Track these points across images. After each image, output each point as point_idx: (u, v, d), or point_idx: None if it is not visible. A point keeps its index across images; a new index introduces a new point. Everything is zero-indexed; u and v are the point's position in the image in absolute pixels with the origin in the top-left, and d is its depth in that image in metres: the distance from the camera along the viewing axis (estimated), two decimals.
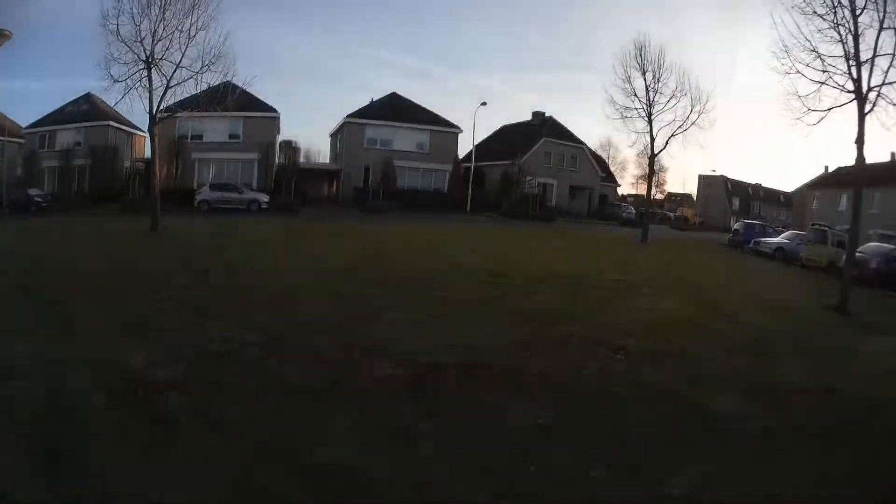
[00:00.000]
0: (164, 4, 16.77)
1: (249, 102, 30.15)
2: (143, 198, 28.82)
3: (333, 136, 44.67)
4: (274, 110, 36.21)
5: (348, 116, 38.76)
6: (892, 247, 21.21)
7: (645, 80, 24.33)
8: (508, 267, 13.15)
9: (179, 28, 16.83)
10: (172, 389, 4.81)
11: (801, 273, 20.73)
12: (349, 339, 6.63)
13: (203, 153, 34.84)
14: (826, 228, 23.96)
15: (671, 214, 57.14)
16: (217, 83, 19.08)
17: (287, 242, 16.67)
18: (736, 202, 73.72)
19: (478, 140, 45.31)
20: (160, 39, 16.95)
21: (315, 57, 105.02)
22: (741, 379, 6.37)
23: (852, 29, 11.82)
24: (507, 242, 20.00)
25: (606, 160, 52.67)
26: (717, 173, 66.94)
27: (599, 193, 49.59)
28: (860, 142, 12.41)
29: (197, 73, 17.12)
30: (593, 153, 50.13)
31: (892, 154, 44.68)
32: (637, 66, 24.47)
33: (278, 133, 37.86)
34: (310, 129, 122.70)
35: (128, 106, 23.53)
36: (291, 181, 33.28)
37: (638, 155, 50.22)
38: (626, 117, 24.89)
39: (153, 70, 16.89)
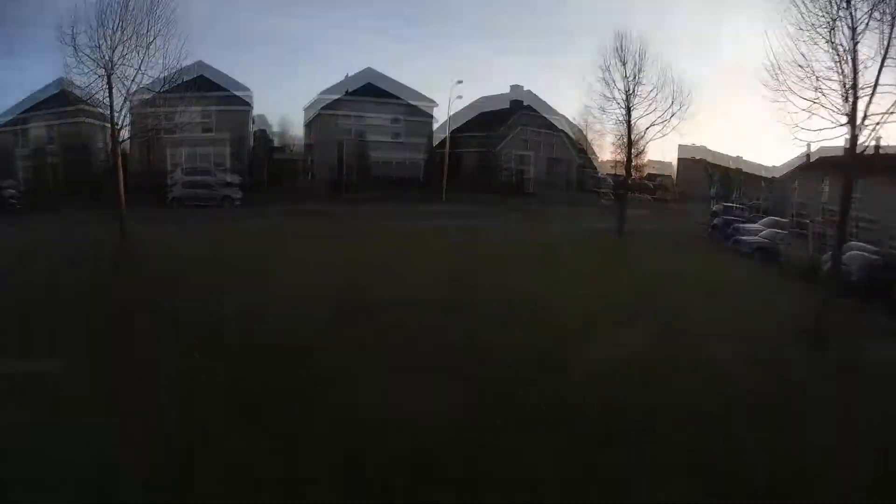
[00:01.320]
0: (123, 20, 16.53)
1: (222, 98, 30.00)
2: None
3: (307, 125, 44.25)
4: (246, 103, 35.82)
5: (322, 108, 38.48)
6: (873, 254, 19.58)
7: (625, 70, 23.94)
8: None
9: (137, 47, 16.72)
10: None
11: (779, 280, 19.45)
12: None
13: (175, 147, 34.41)
14: (807, 222, 23.88)
15: (650, 198, 57.38)
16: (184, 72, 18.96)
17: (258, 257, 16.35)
18: (717, 184, 73.23)
19: (455, 123, 45.10)
20: (118, 49, 16.79)
21: (285, 25, 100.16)
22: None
23: (850, 52, 11.20)
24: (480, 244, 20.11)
25: (584, 128, 52.00)
26: (698, 145, 64.84)
27: (577, 180, 49.70)
28: (852, 169, 12.31)
29: (160, 90, 16.94)
30: (570, 138, 49.96)
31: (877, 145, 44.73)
32: (618, 56, 24.08)
33: (252, 123, 37.57)
34: (283, 100, 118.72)
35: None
36: (264, 174, 33.14)
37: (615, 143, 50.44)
38: (605, 109, 24.78)
39: (114, 84, 16.71)
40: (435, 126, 41.27)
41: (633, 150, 25.80)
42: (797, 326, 11.38)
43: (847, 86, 11.27)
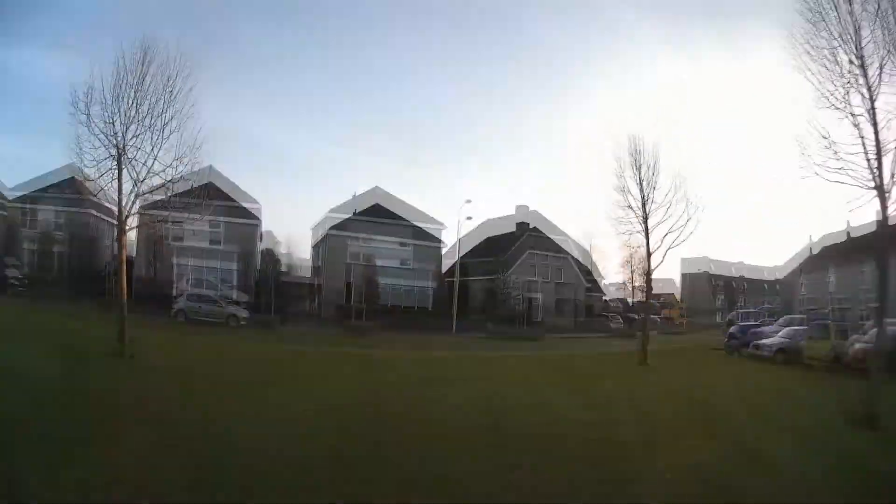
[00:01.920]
0: (138, 97, 15.07)
1: (232, 209, 29.59)
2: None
3: (315, 247, 43.89)
4: (256, 217, 35.51)
5: (331, 228, 38.13)
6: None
7: (639, 175, 23.13)
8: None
9: (152, 127, 15.01)
10: None
11: (807, 375, 19.30)
12: None
13: (183, 258, 33.47)
14: (827, 320, 23.76)
15: (657, 318, 56.77)
16: (195, 175, 17.45)
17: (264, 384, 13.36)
18: (721, 296, 73.58)
19: (462, 246, 45.17)
20: (131, 128, 15.13)
21: (296, 146, 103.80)
22: None
23: (870, 112, 10.89)
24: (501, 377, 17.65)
25: (589, 249, 52.32)
26: (701, 257, 64.59)
27: (585, 304, 49.10)
28: (882, 239, 11.76)
29: (170, 181, 15.50)
30: (577, 262, 50.09)
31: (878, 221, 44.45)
32: (632, 160, 23.17)
33: (260, 239, 37.04)
34: (291, 219, 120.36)
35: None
36: (272, 297, 31.78)
37: (624, 263, 50.33)
38: (622, 220, 23.94)
39: (124, 166, 14.84)
40: (443, 248, 41.10)
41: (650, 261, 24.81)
42: (844, 414, 10.54)
43: (869, 150, 10.78)
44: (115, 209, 14.95)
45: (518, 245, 44.77)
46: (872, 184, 10.82)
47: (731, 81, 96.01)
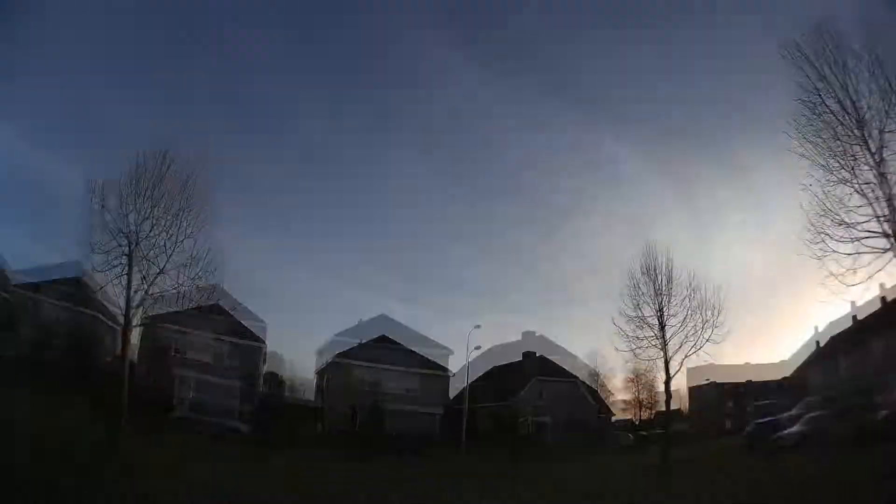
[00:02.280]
0: (154, 198, 15.09)
1: (237, 328, 29.73)
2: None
3: (319, 372, 43.42)
4: (260, 339, 35.58)
5: (337, 355, 37.99)
6: None
7: (653, 286, 23.56)
8: None
9: (167, 227, 15.16)
10: None
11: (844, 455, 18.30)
12: None
13: (185, 370, 32.94)
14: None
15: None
16: (202, 292, 17.35)
17: None
18: (730, 403, 70.53)
19: (470, 373, 44.66)
20: (145, 225, 15.19)
21: (302, 272, 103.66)
22: None
23: (878, 178, 11.88)
24: None
25: (595, 370, 51.08)
26: (706, 364, 61.77)
27: (596, 426, 47.15)
28: None
29: (179, 286, 15.45)
30: (587, 385, 48.90)
31: (883, 299, 43.53)
32: (645, 272, 23.80)
33: (264, 363, 36.76)
34: (296, 340, 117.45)
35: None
36: (276, 418, 30.91)
37: (629, 378, 48.91)
38: (637, 349, 23.84)
39: (134, 266, 14.91)
40: (450, 375, 40.60)
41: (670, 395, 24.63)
42: None
43: (883, 219, 11.72)
44: (120, 313, 14.55)
45: (525, 371, 44.36)
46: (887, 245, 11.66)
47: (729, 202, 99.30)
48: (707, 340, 22.69)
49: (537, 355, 47.31)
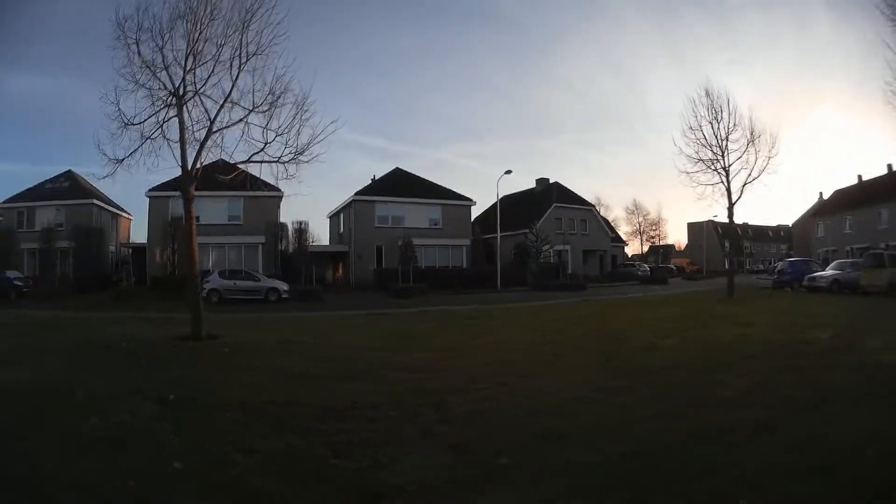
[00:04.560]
0: (200, 21, 10.38)
1: (248, 178, 26.83)
2: (134, 287, 27.38)
3: (335, 217, 41.25)
4: (277, 188, 32.77)
5: (356, 194, 35.48)
6: None
7: (717, 126, 22.20)
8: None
9: (218, 57, 10.52)
10: None
11: (871, 299, 19.64)
12: None
13: (201, 237, 30.62)
14: (882, 251, 24.36)
15: (673, 266, 56.70)
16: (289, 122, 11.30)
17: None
18: (726, 243, 74.62)
19: (481, 211, 43.82)
20: (193, 69, 10.64)
21: None
22: None
23: None
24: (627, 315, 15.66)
25: (598, 199, 52.10)
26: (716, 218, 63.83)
27: (611, 254, 48.01)
28: None
29: (254, 109, 10.68)
30: (604, 219, 49.00)
31: (889, 167, 45.65)
32: (707, 113, 22.30)
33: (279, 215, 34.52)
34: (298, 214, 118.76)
35: (134, 169, 11.81)
36: (310, 265, 29.50)
37: (628, 212, 49.99)
38: (694, 171, 22.50)
39: (185, 107, 10.71)
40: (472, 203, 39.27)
41: (733, 222, 24.04)
42: None
43: None
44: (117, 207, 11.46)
45: (543, 199, 43.30)
46: None
47: None
48: (764, 170, 22.06)
49: (552, 181, 46.05)
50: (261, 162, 11.61)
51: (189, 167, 11.02)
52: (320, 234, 49.56)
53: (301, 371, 7.40)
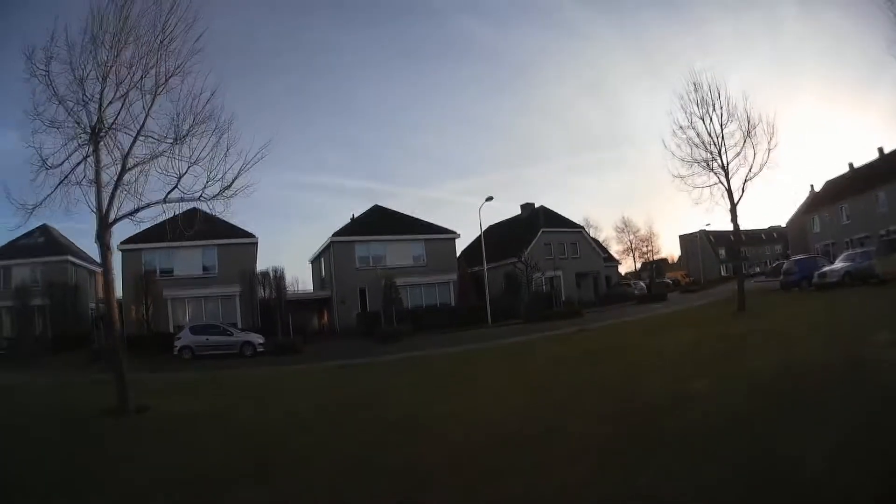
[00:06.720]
0: (119, 43, 9.39)
1: (222, 229, 25.57)
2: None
3: (316, 261, 39.95)
4: (251, 235, 31.58)
5: (334, 234, 34.34)
6: None
7: (711, 120, 20.23)
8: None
9: (143, 78, 9.53)
10: None
11: (889, 287, 18.86)
12: None
13: (175, 290, 29.29)
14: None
15: (669, 281, 55.40)
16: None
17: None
18: (722, 250, 73.99)
19: (466, 245, 42.66)
20: (112, 101, 9.58)
21: (274, 189, 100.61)
22: None
23: None
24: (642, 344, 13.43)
25: (587, 221, 50.95)
26: (709, 227, 62.34)
27: (605, 275, 46.71)
28: None
29: (175, 140, 9.73)
30: (595, 241, 47.86)
31: (880, 150, 45.08)
32: (698, 108, 20.49)
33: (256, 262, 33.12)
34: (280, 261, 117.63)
35: (67, 211, 10.94)
36: (287, 314, 28.00)
37: (618, 231, 48.89)
38: (689, 175, 20.94)
39: (102, 145, 9.56)
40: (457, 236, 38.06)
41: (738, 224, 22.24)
42: None
43: None
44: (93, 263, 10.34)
45: (530, 225, 42.19)
46: None
47: None
48: (764, 164, 20.06)
49: (537, 206, 45.00)
50: (179, 200, 10.10)
51: (104, 211, 9.70)
52: (306, 280, 48.12)
53: (199, 468, 5.82)
